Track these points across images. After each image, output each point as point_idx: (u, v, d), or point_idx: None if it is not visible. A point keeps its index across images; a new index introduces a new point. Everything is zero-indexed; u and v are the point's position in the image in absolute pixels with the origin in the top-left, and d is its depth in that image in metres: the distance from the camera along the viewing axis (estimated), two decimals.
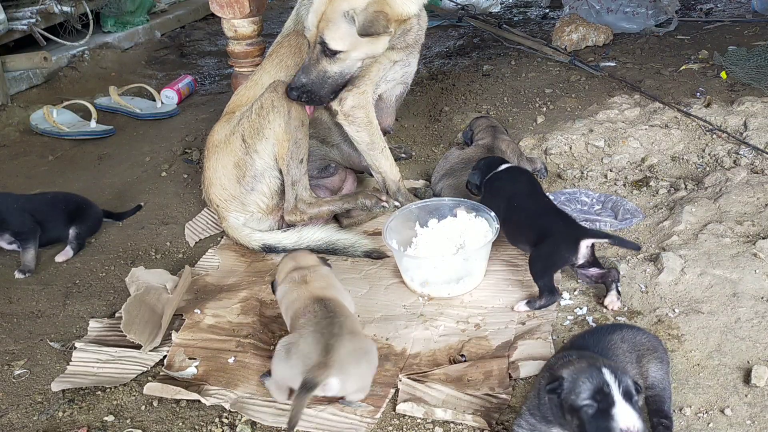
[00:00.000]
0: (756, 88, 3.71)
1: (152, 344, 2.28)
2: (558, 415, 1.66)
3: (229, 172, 2.83)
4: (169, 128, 4.18)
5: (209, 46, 5.85)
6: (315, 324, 2.00)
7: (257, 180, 2.82)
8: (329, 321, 2.01)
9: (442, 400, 2.01)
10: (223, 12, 3.64)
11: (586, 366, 1.62)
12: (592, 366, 1.62)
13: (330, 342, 1.92)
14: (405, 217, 2.69)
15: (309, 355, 1.90)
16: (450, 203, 2.72)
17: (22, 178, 3.69)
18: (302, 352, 1.92)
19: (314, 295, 2.13)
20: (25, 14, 4.72)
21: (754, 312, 2.17)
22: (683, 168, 3.15)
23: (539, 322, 2.28)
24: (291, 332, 2.11)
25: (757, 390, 1.91)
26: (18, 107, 4.39)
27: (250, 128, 2.78)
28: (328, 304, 2.09)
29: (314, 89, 2.70)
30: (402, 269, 2.56)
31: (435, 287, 2.48)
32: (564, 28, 4.83)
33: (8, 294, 2.72)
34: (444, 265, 2.47)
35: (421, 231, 2.65)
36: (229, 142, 2.84)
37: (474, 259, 2.47)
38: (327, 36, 2.61)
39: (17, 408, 2.13)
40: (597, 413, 1.56)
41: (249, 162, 2.80)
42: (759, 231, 2.53)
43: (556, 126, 3.53)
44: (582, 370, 1.61)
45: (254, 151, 2.78)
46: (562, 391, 1.61)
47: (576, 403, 1.58)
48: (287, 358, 1.94)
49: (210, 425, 2.00)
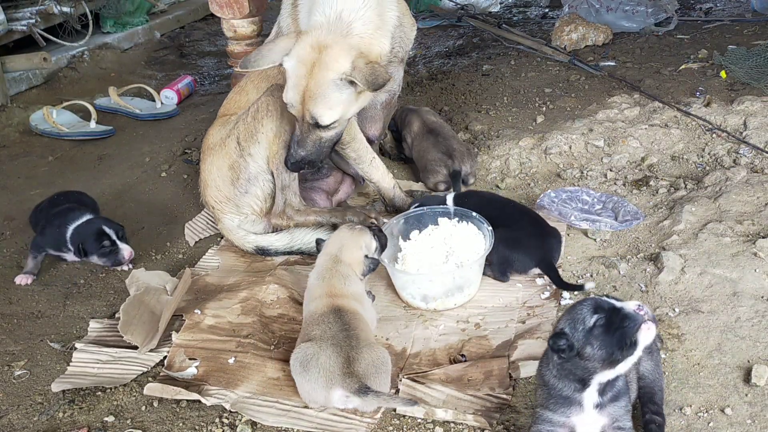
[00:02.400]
0: (755, 87, 3.71)
1: (149, 346, 2.28)
2: (576, 367, 1.64)
3: (224, 174, 2.83)
4: (169, 129, 4.18)
5: (209, 46, 5.85)
6: (331, 338, 2.02)
7: (251, 183, 2.82)
8: (346, 334, 2.03)
9: (442, 401, 2.01)
10: (222, 12, 3.64)
11: (572, 307, 1.66)
12: (580, 303, 1.66)
13: (351, 354, 1.97)
14: (389, 232, 2.58)
15: (331, 367, 1.94)
16: (430, 212, 2.66)
17: (22, 178, 3.69)
18: (322, 366, 1.95)
19: (334, 304, 2.14)
20: (24, 15, 4.72)
21: (755, 311, 2.17)
22: (683, 167, 3.15)
23: (539, 321, 2.28)
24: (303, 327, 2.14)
25: (758, 389, 1.91)
26: (18, 108, 4.39)
27: (245, 131, 2.78)
28: (345, 316, 2.10)
29: (314, 157, 2.62)
30: (398, 287, 2.48)
31: (440, 301, 2.41)
32: (563, 28, 4.82)
33: (8, 295, 2.72)
34: (441, 277, 2.40)
35: (404, 245, 2.58)
36: (224, 145, 2.84)
37: (469, 266, 2.42)
38: (317, 112, 2.47)
39: (17, 409, 2.13)
40: (609, 320, 1.59)
41: (243, 165, 2.80)
42: (759, 230, 2.53)
43: (556, 126, 3.53)
44: (568, 312, 1.65)
45: (248, 154, 2.78)
46: (570, 336, 1.61)
47: (587, 330, 1.59)
48: (306, 372, 1.97)
49: (210, 425, 2.00)
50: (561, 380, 1.69)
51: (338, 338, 2.01)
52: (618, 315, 1.60)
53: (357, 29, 2.50)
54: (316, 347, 1.99)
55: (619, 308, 1.60)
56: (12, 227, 3.22)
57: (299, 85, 2.47)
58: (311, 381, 1.96)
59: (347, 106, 2.52)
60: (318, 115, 2.49)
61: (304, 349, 2.01)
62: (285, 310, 2.46)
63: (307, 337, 2.07)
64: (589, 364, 1.63)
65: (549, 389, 1.71)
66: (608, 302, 1.62)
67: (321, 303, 2.15)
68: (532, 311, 2.36)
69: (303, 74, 2.46)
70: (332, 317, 2.09)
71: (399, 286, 2.48)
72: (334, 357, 1.96)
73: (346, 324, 2.07)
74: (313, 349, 1.99)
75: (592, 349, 1.60)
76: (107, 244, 2.74)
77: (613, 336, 1.58)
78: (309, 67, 2.44)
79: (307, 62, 2.44)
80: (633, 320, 1.58)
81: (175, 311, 2.43)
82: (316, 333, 2.05)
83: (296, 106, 2.52)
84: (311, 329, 2.08)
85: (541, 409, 1.73)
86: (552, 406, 1.71)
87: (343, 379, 1.92)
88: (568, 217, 2.78)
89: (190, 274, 2.57)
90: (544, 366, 1.74)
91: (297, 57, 2.46)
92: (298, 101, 2.50)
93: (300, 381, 2.00)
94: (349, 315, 2.11)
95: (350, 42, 2.46)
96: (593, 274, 2.48)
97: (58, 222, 2.80)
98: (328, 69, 2.43)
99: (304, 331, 2.13)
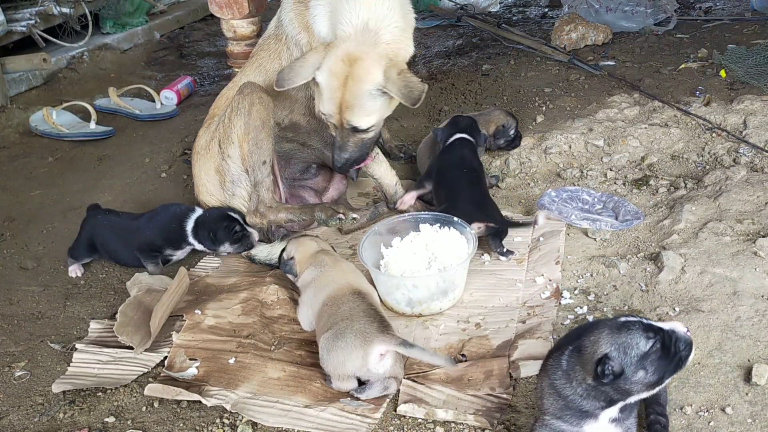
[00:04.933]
0: (755, 86, 3.71)
1: (144, 346, 2.28)
2: (616, 390, 1.57)
3: (213, 178, 2.84)
4: (169, 129, 4.19)
5: (208, 46, 5.85)
6: (363, 312, 2.08)
7: (235, 185, 2.82)
8: (376, 310, 2.11)
9: (443, 401, 2.01)
10: (222, 13, 3.64)
11: (609, 331, 1.57)
12: (612, 324, 1.57)
13: (384, 321, 2.06)
14: (374, 239, 2.59)
15: (367, 331, 2.01)
16: (410, 219, 2.66)
17: (22, 179, 3.69)
18: (357, 330, 2.02)
19: (353, 287, 2.20)
20: (24, 16, 4.72)
21: (755, 310, 2.17)
22: (683, 167, 3.15)
23: (540, 321, 2.28)
24: (317, 316, 2.20)
25: (758, 388, 1.91)
26: (17, 109, 4.39)
27: (223, 133, 2.79)
28: (366, 298, 2.16)
29: (359, 156, 2.68)
30: (383, 293, 2.44)
31: (425, 305, 2.39)
32: (563, 27, 4.82)
33: (9, 295, 2.72)
34: (426, 281, 2.38)
35: (386, 252, 2.55)
36: (209, 148, 2.85)
37: (453, 269, 2.40)
38: (355, 121, 2.55)
39: (18, 409, 2.13)
40: (663, 344, 1.53)
41: (226, 167, 2.81)
42: (759, 229, 2.53)
43: (556, 125, 3.53)
44: (612, 335, 1.56)
45: (227, 156, 2.79)
46: (615, 363, 1.53)
47: (641, 355, 1.52)
48: (338, 343, 2.01)
49: (211, 426, 2.00)
50: (587, 399, 1.61)
51: (369, 312, 2.08)
52: (671, 339, 1.54)
53: (384, 37, 2.51)
54: (348, 321, 2.05)
55: (670, 331, 1.54)
56: (12, 228, 3.22)
57: (335, 97, 2.51)
58: (346, 347, 2.00)
59: (383, 111, 2.59)
60: (356, 123, 2.55)
61: (335, 327, 2.06)
62: (285, 310, 2.46)
63: (332, 320, 2.10)
64: (633, 387, 1.56)
65: (567, 402, 1.64)
66: (657, 326, 1.55)
67: (338, 286, 2.21)
68: (532, 311, 2.36)
69: (337, 87, 2.49)
70: (356, 297, 2.15)
71: (383, 292, 2.45)
72: (368, 322, 2.03)
73: (372, 304, 2.14)
74: (346, 322, 2.05)
75: (646, 374, 1.54)
76: (238, 229, 2.71)
77: (670, 361, 1.54)
78: (342, 80, 2.47)
79: (339, 75, 2.47)
80: (687, 343, 1.54)
81: (175, 311, 2.43)
82: (344, 310, 2.10)
83: (334, 116, 2.57)
84: (336, 310, 2.12)
85: (551, 418, 1.67)
86: (567, 417, 1.64)
87: (383, 335, 1.99)
88: (568, 216, 2.78)
89: (185, 273, 2.56)
90: (560, 380, 1.65)
91: (329, 71, 2.49)
92: (336, 111, 2.54)
93: (331, 355, 2.03)
94: (370, 297, 2.19)
95: (379, 51, 2.48)
96: (593, 274, 2.49)
97: (170, 220, 2.74)
98: (362, 81, 2.46)
99: (325, 320, 2.14)
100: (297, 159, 3.01)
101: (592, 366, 1.56)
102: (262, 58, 2.92)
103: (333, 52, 2.48)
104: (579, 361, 1.61)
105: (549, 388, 1.68)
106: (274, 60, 2.87)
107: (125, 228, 2.79)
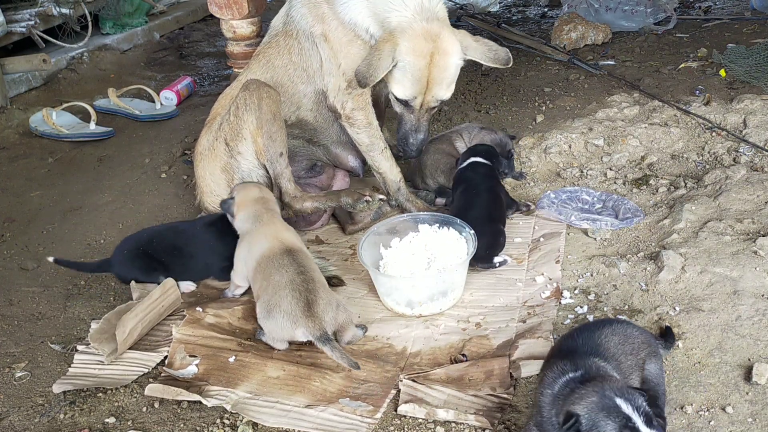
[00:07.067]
0: (755, 85, 3.71)
1: (114, 356, 2.23)
2: None
3: (218, 178, 2.83)
4: (169, 130, 4.19)
5: (208, 47, 5.85)
6: (290, 282, 2.19)
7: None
8: (303, 278, 2.20)
9: (443, 401, 2.01)
10: (221, 13, 3.64)
11: (598, 401, 1.55)
12: (606, 399, 1.55)
13: (309, 298, 2.17)
14: (373, 240, 2.58)
15: (294, 313, 2.14)
16: (409, 219, 2.66)
17: (22, 180, 3.69)
18: (285, 310, 2.15)
19: (285, 246, 2.29)
20: (23, 16, 4.72)
21: (755, 309, 2.17)
22: (683, 166, 3.15)
23: (540, 321, 2.28)
24: (252, 277, 2.32)
25: (758, 387, 1.91)
26: (17, 109, 4.39)
27: (230, 131, 2.78)
28: (297, 257, 2.25)
29: (426, 135, 2.77)
30: (382, 294, 2.45)
31: (425, 306, 2.39)
32: (563, 27, 4.83)
33: (9, 296, 2.72)
34: (425, 281, 2.38)
35: (385, 252, 2.55)
36: (213, 149, 2.84)
37: (453, 270, 2.40)
38: (442, 93, 2.64)
39: (18, 410, 2.13)
40: None
41: (235, 165, 2.80)
42: (759, 228, 2.53)
43: (556, 125, 3.53)
44: (598, 407, 1.54)
45: (237, 153, 2.78)
46: (581, 428, 1.53)
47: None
48: (271, 317, 2.18)
49: (211, 426, 2.00)
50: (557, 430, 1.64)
51: (296, 283, 2.19)
52: None
53: (440, 10, 2.62)
54: (276, 297, 2.19)
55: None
56: (12, 229, 3.22)
57: (422, 77, 2.57)
58: (276, 323, 2.18)
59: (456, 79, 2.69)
60: (443, 96, 2.65)
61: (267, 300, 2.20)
62: None
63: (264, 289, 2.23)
64: None
65: (545, 420, 1.68)
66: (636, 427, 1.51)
67: (270, 246, 2.31)
68: (532, 310, 2.36)
69: (424, 65, 2.54)
70: (288, 260, 2.25)
71: (383, 293, 2.45)
72: (295, 302, 2.16)
73: (301, 266, 2.24)
74: (275, 299, 2.18)
75: None
76: None
77: None
78: (428, 57, 2.53)
79: (425, 54, 2.52)
80: None
81: (175, 312, 2.43)
82: (276, 281, 2.21)
83: (419, 97, 2.63)
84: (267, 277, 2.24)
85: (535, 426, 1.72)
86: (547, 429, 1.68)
87: (306, 320, 2.13)
88: (568, 217, 2.78)
89: (173, 284, 2.44)
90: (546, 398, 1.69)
91: (413, 52, 2.53)
92: (421, 91, 2.61)
93: (265, 324, 2.21)
94: (301, 255, 2.28)
95: (445, 23, 2.60)
96: (593, 273, 2.49)
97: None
98: (449, 54, 2.55)
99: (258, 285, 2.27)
100: (302, 156, 3.00)
101: (564, 412, 1.58)
102: (269, 54, 2.92)
103: (408, 35, 2.52)
104: (563, 395, 1.63)
105: (539, 396, 1.72)
106: (284, 56, 2.88)
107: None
